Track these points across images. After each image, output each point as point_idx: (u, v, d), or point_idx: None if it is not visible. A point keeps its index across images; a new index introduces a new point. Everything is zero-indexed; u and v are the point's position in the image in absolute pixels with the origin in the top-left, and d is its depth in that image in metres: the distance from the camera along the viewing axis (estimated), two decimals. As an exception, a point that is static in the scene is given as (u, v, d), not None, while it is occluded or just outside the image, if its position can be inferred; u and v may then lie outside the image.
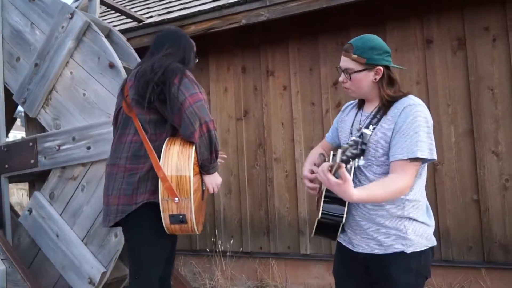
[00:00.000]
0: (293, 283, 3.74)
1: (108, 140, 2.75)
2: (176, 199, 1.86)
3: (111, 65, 2.83)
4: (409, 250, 1.57)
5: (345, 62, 1.65)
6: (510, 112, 3.07)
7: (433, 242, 1.66)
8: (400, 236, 1.58)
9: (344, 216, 1.62)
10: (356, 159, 1.30)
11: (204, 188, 2.07)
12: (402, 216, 1.59)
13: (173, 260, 2.28)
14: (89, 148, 2.87)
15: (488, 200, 3.10)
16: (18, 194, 9.75)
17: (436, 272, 3.17)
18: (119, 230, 2.60)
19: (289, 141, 3.83)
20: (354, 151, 1.29)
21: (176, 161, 1.90)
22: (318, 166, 1.82)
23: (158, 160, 1.91)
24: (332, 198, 1.60)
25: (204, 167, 1.99)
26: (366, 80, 1.62)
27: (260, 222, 3.92)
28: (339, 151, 1.29)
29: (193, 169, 1.92)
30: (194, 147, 1.92)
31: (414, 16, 3.39)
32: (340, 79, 1.69)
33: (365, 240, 1.63)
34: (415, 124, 1.52)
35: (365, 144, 1.30)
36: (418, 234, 1.60)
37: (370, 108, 1.70)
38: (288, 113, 3.86)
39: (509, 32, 3.09)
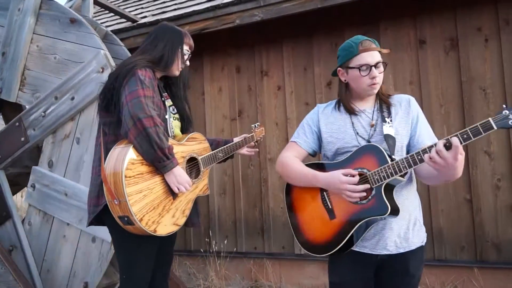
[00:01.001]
0: (288, 283, 3.74)
1: (88, 82, 2.84)
2: (115, 200, 1.78)
3: (72, 20, 2.95)
4: (424, 242, 1.66)
5: (377, 56, 1.64)
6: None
7: None
8: (419, 229, 1.65)
9: (400, 207, 1.58)
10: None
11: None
12: (416, 206, 1.67)
13: (168, 261, 2.25)
14: (73, 98, 2.90)
15: (481, 200, 3.12)
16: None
17: (429, 271, 3.20)
18: None
19: (284, 141, 3.84)
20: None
21: (114, 162, 1.81)
22: None
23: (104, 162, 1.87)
24: (387, 193, 1.56)
25: (156, 167, 1.85)
26: None
27: (254, 222, 3.93)
28: (453, 136, 1.37)
29: (135, 169, 1.80)
30: (132, 147, 1.80)
31: (408, 17, 3.41)
32: (375, 74, 1.62)
33: (393, 239, 1.60)
34: (422, 114, 1.71)
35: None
36: (423, 224, 1.69)
37: (367, 105, 1.71)
38: (282, 113, 3.86)
39: (501, 32, 3.12)
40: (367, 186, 1.53)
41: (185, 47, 2.11)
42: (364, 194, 1.54)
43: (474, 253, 3.13)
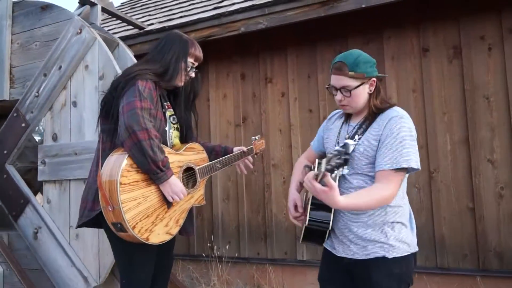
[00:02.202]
0: (290, 289, 3.75)
1: (70, 46, 3.05)
2: (110, 207, 1.80)
3: (43, 7, 3.24)
4: (390, 255, 1.60)
5: (341, 80, 1.64)
6: (505, 120, 3.09)
7: (414, 248, 1.69)
8: (381, 242, 1.62)
9: (331, 222, 1.66)
10: (340, 169, 1.33)
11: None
12: (384, 222, 1.63)
13: (169, 266, 2.27)
14: (60, 67, 3.10)
15: (484, 208, 3.11)
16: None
17: (431, 279, 3.19)
18: None
19: (287, 148, 3.86)
20: (338, 161, 1.31)
21: (110, 168, 1.83)
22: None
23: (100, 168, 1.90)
24: (319, 205, 1.63)
25: (151, 177, 1.88)
26: (364, 93, 1.66)
27: (257, 228, 3.95)
28: (324, 160, 1.32)
29: (130, 176, 1.83)
30: (128, 155, 1.83)
31: (411, 25, 3.43)
32: (338, 97, 1.67)
33: (347, 245, 1.66)
34: (399, 135, 1.57)
35: (348, 154, 1.31)
36: (400, 239, 1.63)
37: (357, 119, 1.74)
38: (286, 119, 3.89)
39: (505, 41, 3.12)
40: (299, 224, 1.78)
41: (190, 59, 2.09)
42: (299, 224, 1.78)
43: (477, 261, 3.12)
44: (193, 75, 2.14)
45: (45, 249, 3.00)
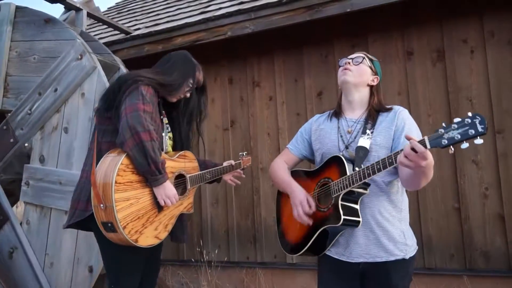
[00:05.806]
0: (280, 292, 3.76)
1: (69, 71, 3.00)
2: (102, 205, 1.81)
3: (47, 20, 3.17)
4: (408, 256, 1.66)
5: (359, 55, 1.80)
6: (488, 121, 3.13)
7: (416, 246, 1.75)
8: (401, 242, 1.65)
9: (361, 218, 1.62)
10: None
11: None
12: (400, 219, 1.68)
13: (156, 268, 2.28)
14: (56, 90, 3.05)
15: (469, 208, 3.16)
16: None
17: (419, 280, 3.22)
18: None
19: (275, 151, 3.87)
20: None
21: (106, 167, 1.85)
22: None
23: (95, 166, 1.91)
24: (347, 203, 1.61)
25: (147, 179, 1.89)
26: (367, 76, 1.77)
27: (246, 232, 3.94)
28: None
29: (125, 176, 1.84)
30: (126, 155, 1.85)
31: (395, 29, 3.48)
32: (348, 60, 1.79)
33: (368, 247, 1.65)
34: (412, 124, 1.71)
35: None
36: (412, 239, 1.71)
37: (356, 114, 1.77)
38: (273, 123, 3.91)
39: (486, 43, 3.19)
40: (309, 222, 1.67)
41: (191, 81, 2.18)
42: (310, 223, 1.67)
43: (463, 261, 3.16)
44: (188, 95, 2.21)
45: (18, 270, 2.95)
